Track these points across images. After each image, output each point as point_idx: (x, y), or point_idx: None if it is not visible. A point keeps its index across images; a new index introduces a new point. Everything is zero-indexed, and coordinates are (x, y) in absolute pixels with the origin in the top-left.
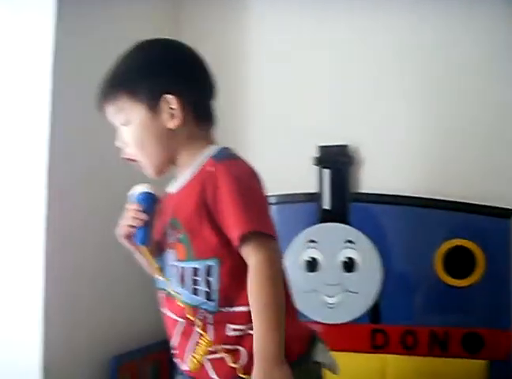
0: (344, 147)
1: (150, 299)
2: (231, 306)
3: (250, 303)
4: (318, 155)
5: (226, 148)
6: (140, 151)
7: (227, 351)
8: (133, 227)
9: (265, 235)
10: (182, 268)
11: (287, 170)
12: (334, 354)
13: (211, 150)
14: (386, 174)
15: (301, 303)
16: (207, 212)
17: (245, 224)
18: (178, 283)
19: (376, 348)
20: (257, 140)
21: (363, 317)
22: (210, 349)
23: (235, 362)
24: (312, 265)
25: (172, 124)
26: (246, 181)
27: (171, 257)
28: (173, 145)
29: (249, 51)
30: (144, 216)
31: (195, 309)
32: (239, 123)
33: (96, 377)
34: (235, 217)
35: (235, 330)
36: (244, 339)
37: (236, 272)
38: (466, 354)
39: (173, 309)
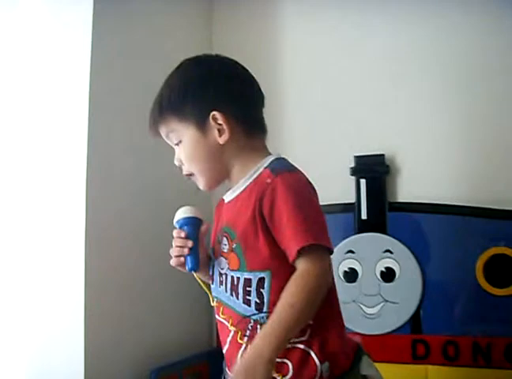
0: (380, 156)
1: (190, 311)
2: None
3: (278, 302)
4: (354, 165)
5: (282, 159)
6: (193, 168)
7: (279, 364)
8: (181, 255)
9: (322, 249)
10: (235, 277)
11: (323, 181)
12: (375, 365)
13: (266, 160)
14: (423, 182)
15: None
16: (262, 223)
17: (304, 237)
18: (230, 291)
19: (417, 359)
20: (292, 151)
21: (404, 327)
22: None
23: (281, 376)
24: (351, 276)
25: (222, 140)
26: (305, 194)
27: (223, 264)
28: (225, 159)
29: (283, 60)
30: (189, 243)
31: (246, 319)
32: (275, 133)
33: None
34: (294, 230)
35: (289, 343)
36: (291, 352)
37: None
38: (510, 365)
39: (226, 318)
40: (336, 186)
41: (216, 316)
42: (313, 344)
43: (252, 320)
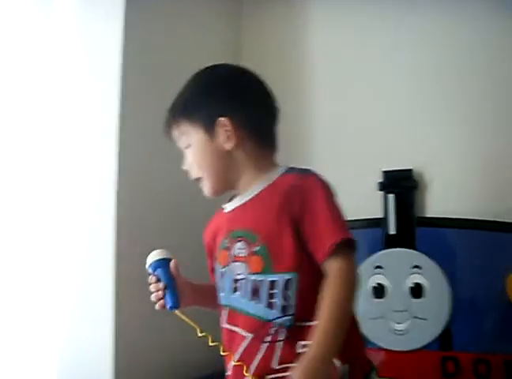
0: (408, 171)
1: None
2: (307, 321)
3: (321, 303)
4: (382, 180)
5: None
6: (201, 172)
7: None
8: (161, 299)
9: (352, 246)
10: (257, 280)
11: (351, 196)
12: None
13: (279, 169)
14: (452, 197)
15: (369, 330)
16: (290, 224)
17: (338, 233)
18: (249, 296)
19: (447, 376)
20: (320, 165)
21: (433, 343)
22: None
23: None
24: (379, 291)
25: (228, 145)
26: (334, 195)
27: (240, 269)
28: (232, 166)
29: (312, 72)
30: (161, 285)
31: (268, 323)
32: (302, 148)
33: None
34: (327, 227)
35: (305, 346)
36: None
37: (314, 286)
38: None
39: (239, 324)
40: (364, 201)
41: (225, 325)
42: None
43: (275, 325)
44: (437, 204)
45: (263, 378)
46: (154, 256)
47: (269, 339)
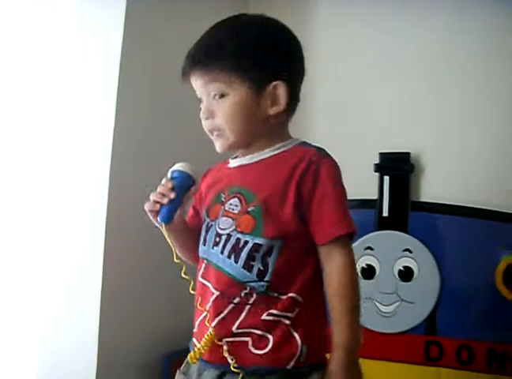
0: (405, 154)
1: None
2: (278, 292)
3: (332, 301)
4: (379, 162)
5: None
6: (227, 125)
7: (254, 336)
8: (159, 203)
9: (351, 237)
10: (241, 240)
11: (346, 175)
12: (387, 364)
13: (295, 139)
14: (448, 183)
15: None
16: (295, 195)
17: (345, 225)
18: (229, 253)
19: (430, 361)
20: (317, 142)
21: (418, 327)
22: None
23: (258, 349)
24: (368, 273)
25: (273, 111)
26: (342, 184)
27: (227, 225)
28: (261, 129)
29: (312, 55)
30: (172, 195)
31: (241, 284)
32: (299, 128)
33: (150, 373)
34: (336, 216)
35: (270, 315)
36: (276, 326)
37: (295, 258)
38: None
39: (211, 279)
40: (359, 181)
41: (200, 278)
42: (298, 325)
43: (248, 287)
44: (432, 189)
45: (220, 340)
46: (183, 166)
47: (236, 300)
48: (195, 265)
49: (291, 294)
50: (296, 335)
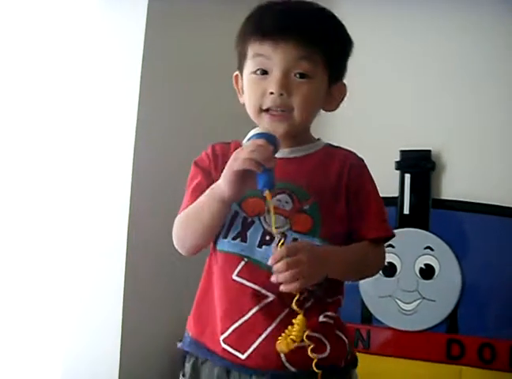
0: (426, 152)
1: None
2: (332, 294)
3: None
4: (400, 160)
5: None
6: (303, 107)
7: (313, 340)
8: (259, 165)
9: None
10: (298, 240)
11: None
12: (408, 362)
13: (321, 140)
14: (469, 181)
15: (376, 308)
16: (345, 194)
17: (386, 228)
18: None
19: (452, 359)
20: (338, 140)
21: (440, 325)
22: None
23: (315, 353)
24: (389, 270)
25: (330, 107)
26: None
27: (279, 223)
28: (312, 122)
29: None
30: (276, 160)
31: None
32: (320, 126)
33: (168, 365)
34: (379, 218)
35: (326, 317)
36: (328, 329)
37: None
38: None
39: (259, 281)
40: (380, 179)
41: (235, 277)
42: (339, 324)
43: (307, 291)
44: (453, 186)
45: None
46: (267, 130)
47: (293, 304)
48: (192, 254)
49: (339, 296)
50: (342, 335)
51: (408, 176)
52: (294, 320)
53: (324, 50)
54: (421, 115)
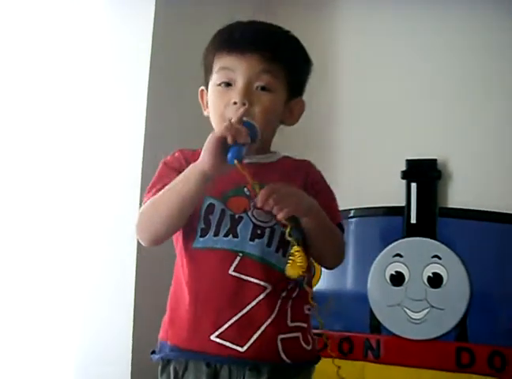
0: (432, 161)
1: None
2: (309, 285)
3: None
4: (406, 169)
5: None
6: (263, 117)
7: (301, 330)
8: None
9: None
10: (286, 234)
11: (374, 183)
12: (418, 371)
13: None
14: (475, 189)
15: (385, 317)
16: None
17: (341, 219)
18: (276, 247)
19: (462, 367)
20: (345, 152)
21: (449, 334)
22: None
23: (306, 343)
24: (397, 279)
25: (289, 121)
26: None
27: (263, 217)
28: (272, 134)
29: (339, 60)
30: (248, 139)
31: (288, 278)
32: (327, 137)
33: None
34: (335, 209)
35: (307, 309)
36: (310, 320)
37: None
38: None
39: (255, 274)
40: (386, 189)
41: (232, 272)
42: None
43: (294, 281)
44: (459, 195)
45: (275, 337)
46: (251, 120)
47: (284, 294)
48: (157, 242)
49: (312, 288)
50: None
51: (414, 185)
52: (293, 250)
53: (286, 66)
54: (427, 124)
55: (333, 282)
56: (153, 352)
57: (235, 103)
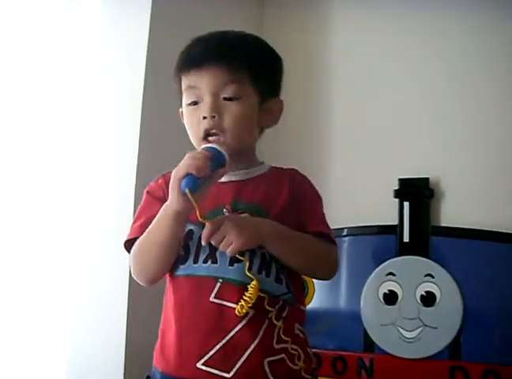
0: (425, 179)
1: None
2: (297, 302)
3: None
4: (398, 188)
5: None
6: (234, 127)
7: (288, 353)
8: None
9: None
10: (266, 254)
11: (366, 202)
12: None
13: (266, 163)
14: (468, 207)
15: (378, 336)
16: (294, 203)
17: (328, 227)
18: (259, 268)
19: None
20: (337, 169)
21: (442, 353)
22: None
23: (294, 363)
24: (390, 298)
25: (267, 123)
26: None
27: None
28: (252, 142)
29: (331, 77)
30: (207, 169)
31: (274, 299)
32: (318, 155)
33: None
34: (322, 219)
35: (298, 329)
36: (302, 339)
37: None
38: None
39: (234, 299)
40: (379, 207)
41: (213, 299)
42: (306, 339)
43: (281, 301)
44: (452, 213)
45: (261, 361)
46: (216, 145)
47: (271, 315)
48: (153, 282)
49: (304, 308)
50: (309, 351)
51: (407, 204)
52: (249, 286)
53: (250, 71)
54: (419, 144)
55: (326, 301)
56: (148, 378)
57: (204, 118)
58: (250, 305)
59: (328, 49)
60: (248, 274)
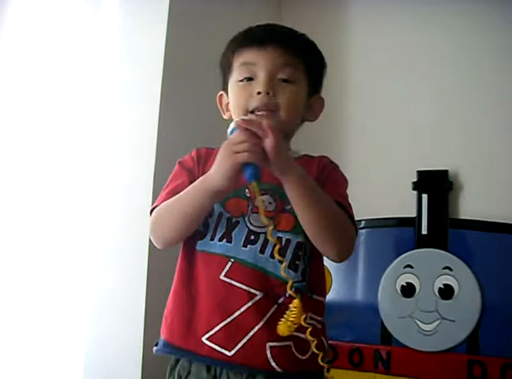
0: (443, 172)
1: None
2: (314, 293)
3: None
4: (417, 180)
5: None
6: (288, 105)
7: (296, 340)
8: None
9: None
10: (282, 238)
11: (385, 194)
12: None
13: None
14: (487, 200)
15: (395, 329)
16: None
17: (350, 207)
18: (271, 252)
19: None
20: (355, 163)
21: (460, 346)
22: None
23: (300, 353)
24: (408, 291)
25: (310, 117)
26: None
27: (259, 222)
28: (293, 128)
29: (350, 69)
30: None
31: (285, 284)
32: (337, 148)
33: None
34: (345, 197)
35: (310, 319)
36: (314, 331)
37: (320, 260)
38: None
39: (246, 280)
40: (397, 200)
41: (223, 277)
42: (324, 329)
43: (293, 288)
44: (471, 206)
45: (264, 344)
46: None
47: (281, 300)
48: (168, 246)
49: (322, 298)
50: (324, 341)
51: (425, 196)
52: (291, 305)
53: (305, 60)
54: (438, 135)
55: (344, 293)
56: (156, 345)
57: (258, 93)
58: (296, 326)
59: (346, 45)
60: (283, 274)
